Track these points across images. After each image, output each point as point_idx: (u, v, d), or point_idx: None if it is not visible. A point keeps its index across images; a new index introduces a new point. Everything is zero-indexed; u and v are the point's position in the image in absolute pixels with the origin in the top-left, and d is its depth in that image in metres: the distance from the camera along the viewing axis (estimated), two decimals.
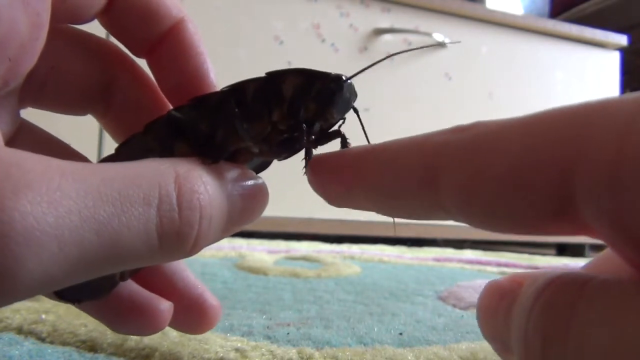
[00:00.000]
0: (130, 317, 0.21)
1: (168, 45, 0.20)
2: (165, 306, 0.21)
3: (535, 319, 0.12)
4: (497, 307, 0.15)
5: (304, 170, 0.20)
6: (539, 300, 0.12)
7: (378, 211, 0.16)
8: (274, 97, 0.18)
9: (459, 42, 1.14)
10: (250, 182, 0.18)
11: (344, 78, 0.18)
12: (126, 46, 0.20)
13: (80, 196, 0.13)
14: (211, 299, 0.23)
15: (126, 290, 0.21)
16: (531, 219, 0.12)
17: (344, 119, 0.19)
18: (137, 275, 0.22)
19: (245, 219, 0.18)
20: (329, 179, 0.17)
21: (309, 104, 0.18)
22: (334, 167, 0.17)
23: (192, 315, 0.22)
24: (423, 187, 0.14)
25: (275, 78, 0.19)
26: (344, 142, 0.20)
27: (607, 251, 0.16)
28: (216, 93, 0.19)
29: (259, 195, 0.18)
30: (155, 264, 0.21)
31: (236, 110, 0.18)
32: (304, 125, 0.18)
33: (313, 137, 0.19)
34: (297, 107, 0.18)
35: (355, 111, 0.20)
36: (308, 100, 0.18)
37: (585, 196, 0.11)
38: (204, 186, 0.16)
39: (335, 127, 0.20)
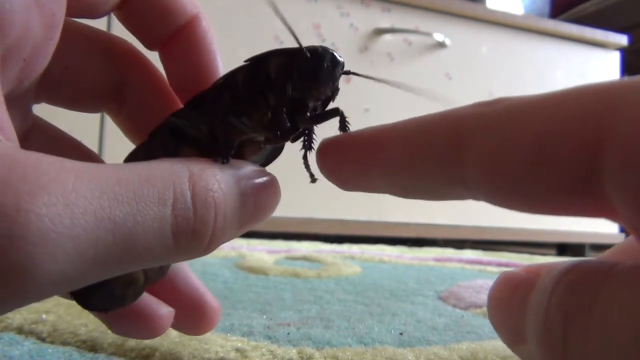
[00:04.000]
0: (130, 321, 0.21)
1: (181, 41, 0.20)
2: (165, 311, 0.21)
3: (558, 297, 0.12)
4: (512, 296, 0.15)
5: (303, 151, 0.19)
6: (562, 280, 0.12)
7: (392, 191, 0.16)
8: (265, 83, 0.18)
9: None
10: (262, 179, 0.18)
11: (320, 50, 0.17)
12: (140, 40, 0.20)
13: (96, 197, 0.13)
14: (212, 300, 0.23)
15: None
16: (555, 193, 0.12)
17: (337, 91, 0.18)
18: None
19: (258, 215, 0.18)
20: (342, 160, 0.17)
21: (294, 83, 0.18)
22: (348, 148, 0.17)
23: (192, 316, 0.23)
24: (446, 160, 0.14)
25: (259, 63, 0.18)
26: (343, 120, 0.19)
27: (622, 245, 0.16)
28: (209, 90, 0.19)
29: (271, 191, 0.18)
30: (171, 262, 0.21)
31: (231, 103, 0.18)
32: (284, 108, 0.18)
33: (308, 114, 0.18)
34: (283, 89, 0.18)
35: (347, 73, 0.19)
36: (292, 79, 0.18)
37: (612, 170, 0.11)
38: (217, 184, 0.16)
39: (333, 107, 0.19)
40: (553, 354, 0.12)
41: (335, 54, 0.18)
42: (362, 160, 0.16)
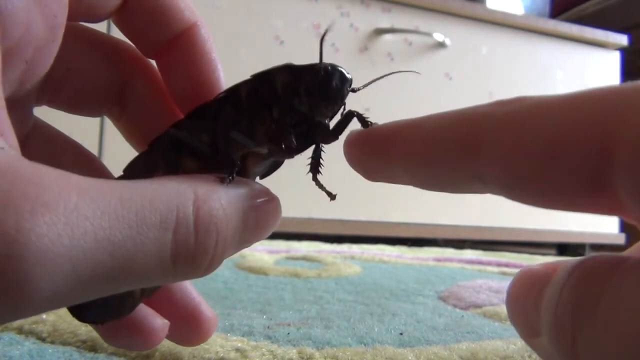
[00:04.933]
0: (124, 333, 0.21)
1: (179, 49, 0.20)
2: (160, 324, 0.21)
3: (567, 291, 0.13)
4: (529, 291, 0.15)
5: (310, 167, 0.19)
6: (572, 275, 0.13)
7: (415, 184, 0.16)
8: (271, 98, 0.18)
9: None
10: (265, 200, 0.18)
11: (329, 68, 0.17)
12: (137, 46, 0.20)
13: (97, 217, 0.13)
14: (207, 310, 0.23)
15: None
16: (568, 190, 0.12)
17: (344, 104, 0.19)
18: None
19: (258, 235, 0.18)
20: (368, 152, 0.17)
21: (302, 99, 0.18)
22: (373, 140, 0.17)
23: (187, 326, 0.22)
24: (464, 156, 0.14)
25: (265, 78, 0.18)
26: (362, 119, 0.19)
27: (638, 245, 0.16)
28: (212, 102, 0.19)
29: (273, 213, 0.18)
30: (168, 283, 0.20)
31: (234, 116, 0.18)
32: (289, 123, 0.18)
33: (329, 131, 0.18)
34: (291, 105, 0.18)
35: (355, 91, 0.19)
36: (300, 96, 0.18)
37: (623, 171, 0.11)
38: (222, 210, 0.16)
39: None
40: (563, 346, 0.12)
41: (344, 71, 0.18)
42: (385, 153, 0.17)
